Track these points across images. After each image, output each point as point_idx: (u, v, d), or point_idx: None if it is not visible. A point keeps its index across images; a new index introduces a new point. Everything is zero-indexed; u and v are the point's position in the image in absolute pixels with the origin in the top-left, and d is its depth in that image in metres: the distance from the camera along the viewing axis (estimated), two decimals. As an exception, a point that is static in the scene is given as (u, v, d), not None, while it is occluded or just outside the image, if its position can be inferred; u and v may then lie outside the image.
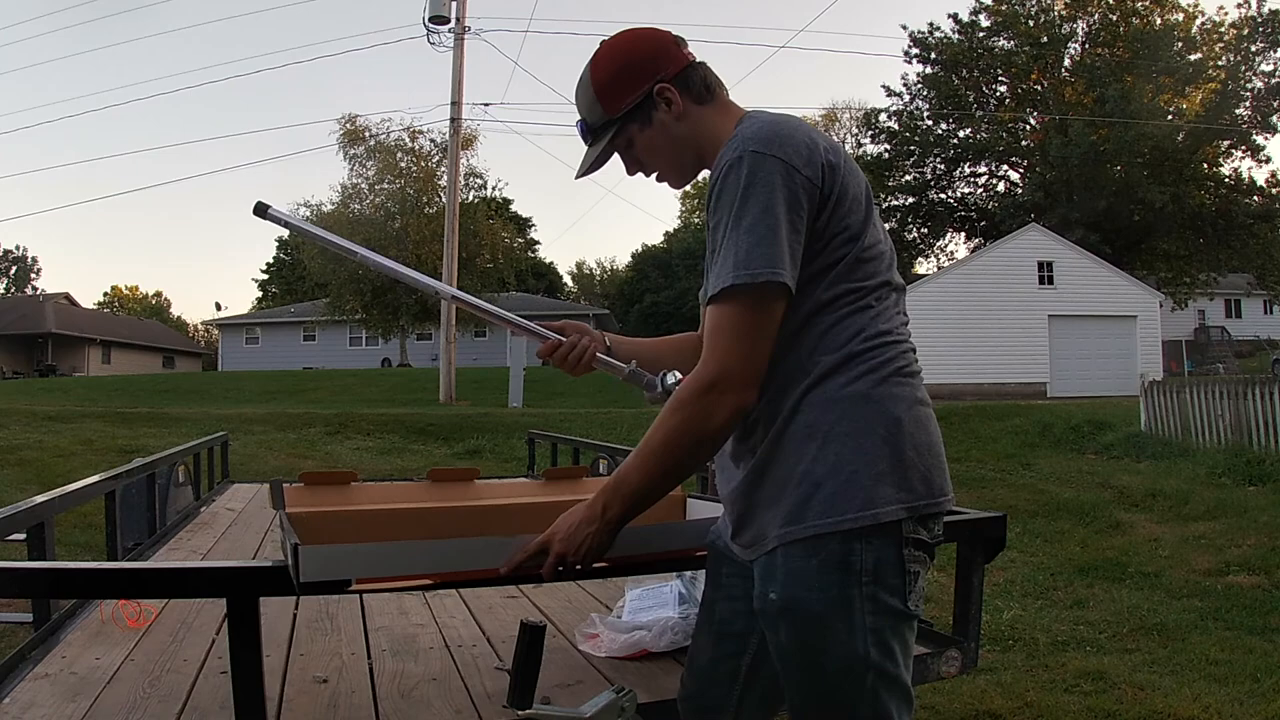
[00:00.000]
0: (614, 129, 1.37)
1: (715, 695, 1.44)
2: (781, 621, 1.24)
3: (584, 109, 1.39)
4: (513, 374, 17.47)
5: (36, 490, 5.61)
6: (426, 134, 26.25)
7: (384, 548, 1.36)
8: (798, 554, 1.22)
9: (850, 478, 1.21)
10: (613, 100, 1.36)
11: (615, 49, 1.38)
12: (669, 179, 1.43)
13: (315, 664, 2.19)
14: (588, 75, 1.38)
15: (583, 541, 1.29)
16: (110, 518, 3.12)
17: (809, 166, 1.23)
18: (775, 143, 1.23)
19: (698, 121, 1.36)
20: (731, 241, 1.21)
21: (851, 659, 1.21)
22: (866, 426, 1.22)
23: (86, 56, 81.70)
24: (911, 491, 1.23)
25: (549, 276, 47.09)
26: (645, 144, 1.38)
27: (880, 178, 30.12)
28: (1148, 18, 26.70)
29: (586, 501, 1.31)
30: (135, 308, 57.17)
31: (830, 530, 1.20)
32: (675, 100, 1.35)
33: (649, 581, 2.47)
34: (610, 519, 1.29)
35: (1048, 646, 4.01)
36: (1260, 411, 8.86)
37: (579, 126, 1.41)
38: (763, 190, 1.20)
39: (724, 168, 1.24)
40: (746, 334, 1.21)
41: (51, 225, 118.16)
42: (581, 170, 1.42)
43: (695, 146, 1.37)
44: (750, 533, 1.31)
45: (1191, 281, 27.60)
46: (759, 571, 1.28)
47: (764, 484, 1.27)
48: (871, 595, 1.21)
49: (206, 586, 1.54)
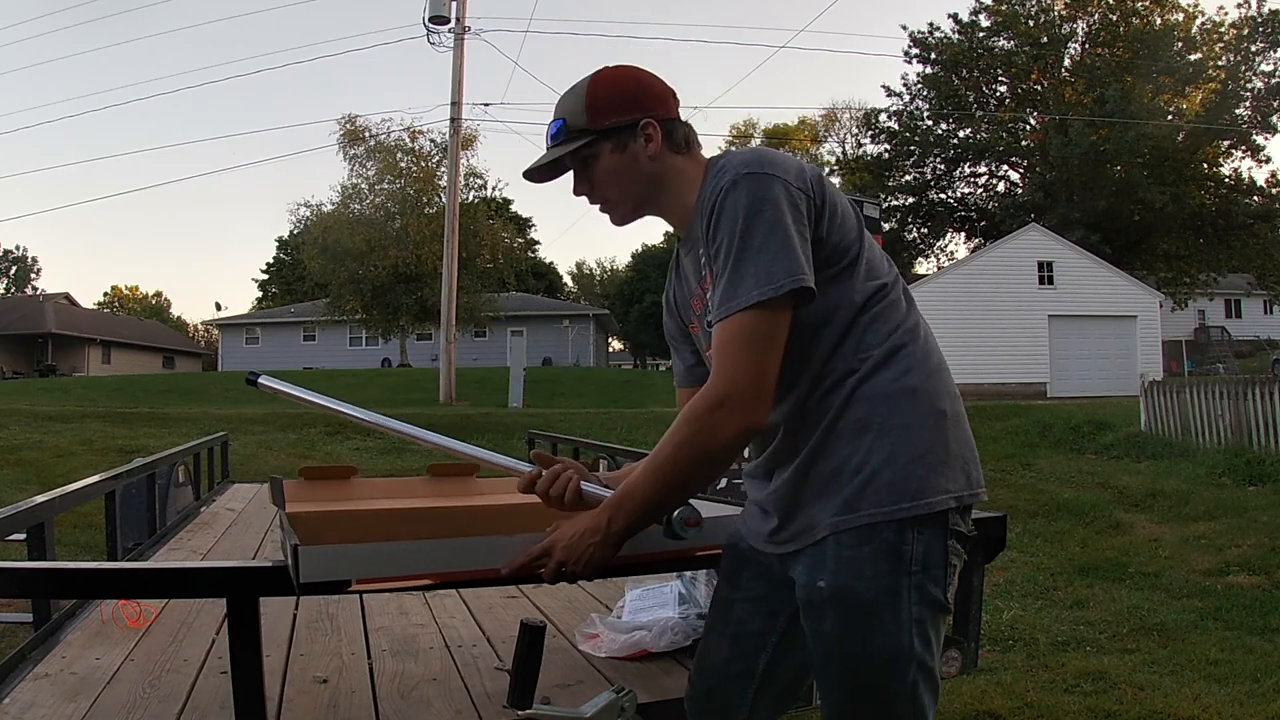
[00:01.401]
0: (588, 139, 1.37)
1: (728, 695, 1.44)
2: (829, 609, 1.25)
3: (567, 111, 1.39)
4: (513, 374, 17.47)
5: (36, 490, 5.61)
6: (426, 134, 26.25)
7: (384, 548, 1.35)
8: (849, 542, 1.24)
9: (906, 467, 1.24)
10: (600, 114, 1.36)
11: (622, 74, 1.41)
12: (615, 210, 1.43)
13: (315, 664, 2.19)
14: (585, 84, 1.39)
15: (585, 551, 1.29)
16: (110, 518, 3.12)
17: (800, 180, 1.28)
18: (766, 163, 1.28)
19: (668, 167, 1.39)
20: (743, 260, 1.23)
21: (896, 650, 1.23)
22: (917, 419, 1.26)
23: (86, 56, 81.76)
24: (956, 482, 1.27)
25: (549, 276, 47.09)
26: (609, 167, 1.38)
27: (880, 178, 30.15)
28: (1148, 18, 26.72)
29: (592, 511, 1.31)
30: (135, 308, 57.18)
31: (886, 519, 1.23)
32: (655, 140, 1.38)
33: (649, 581, 2.47)
34: (615, 531, 1.29)
35: (1048, 646, 4.01)
36: (1260, 411, 8.85)
37: (552, 126, 1.40)
38: (767, 207, 1.24)
39: (719, 193, 1.27)
40: (756, 349, 1.22)
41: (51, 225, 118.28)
42: (535, 166, 1.41)
43: (657, 188, 1.40)
44: (795, 526, 1.31)
45: (1191, 281, 27.61)
46: (806, 561, 1.29)
47: (813, 478, 1.29)
48: (919, 585, 1.23)
49: (206, 586, 1.55)
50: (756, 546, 1.41)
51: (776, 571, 1.38)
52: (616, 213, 1.43)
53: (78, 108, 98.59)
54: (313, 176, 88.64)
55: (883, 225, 23.97)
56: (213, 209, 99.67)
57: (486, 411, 14.35)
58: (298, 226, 28.43)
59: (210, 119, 73.84)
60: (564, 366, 30.05)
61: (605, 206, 1.43)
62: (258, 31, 75.49)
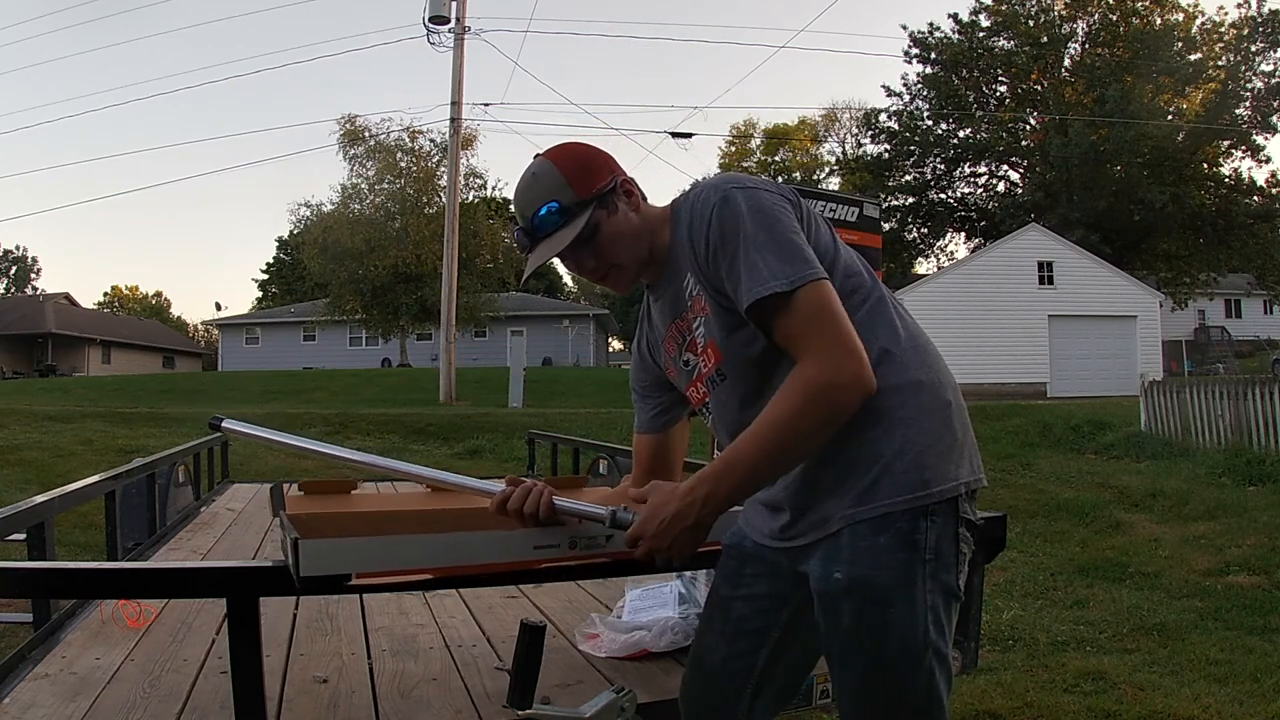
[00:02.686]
0: (589, 209, 1.36)
1: (726, 694, 1.44)
2: (846, 601, 1.27)
3: (550, 193, 1.36)
4: (513, 374, 17.46)
5: (36, 490, 5.62)
6: (426, 134, 26.25)
7: (384, 541, 1.34)
8: (865, 533, 1.26)
9: (917, 457, 1.27)
10: (584, 184, 1.37)
11: (571, 148, 1.43)
12: (622, 275, 1.43)
13: (315, 664, 2.19)
14: (549, 166, 1.38)
15: (674, 540, 1.27)
16: (110, 518, 3.12)
17: (778, 189, 1.34)
18: (746, 180, 1.33)
19: (648, 217, 1.42)
20: (757, 261, 1.25)
21: (912, 639, 1.25)
22: (926, 410, 1.29)
23: (86, 56, 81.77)
24: (963, 469, 1.31)
25: (549, 276, 47.06)
26: (612, 231, 1.38)
27: (880, 178, 30.13)
28: (1148, 18, 26.72)
29: (677, 493, 1.29)
30: (135, 308, 57.15)
31: (901, 508, 1.25)
32: (635, 193, 1.41)
33: (649, 581, 2.47)
34: (715, 502, 1.26)
35: (1048, 646, 4.01)
36: (1260, 411, 8.85)
37: (538, 215, 1.36)
38: (764, 214, 1.28)
39: (710, 210, 1.30)
40: (842, 318, 1.25)
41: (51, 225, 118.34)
42: (552, 255, 1.38)
43: (649, 239, 1.41)
44: (808, 520, 1.32)
45: (1191, 281, 27.61)
46: (821, 554, 1.30)
47: (826, 472, 1.30)
48: (933, 573, 1.26)
49: (206, 586, 1.54)
50: (762, 543, 1.41)
51: (782, 569, 1.39)
52: (626, 275, 1.44)
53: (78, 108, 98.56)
54: (313, 176, 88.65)
55: (883, 225, 23.95)
56: (213, 209, 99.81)
57: (486, 411, 14.35)
58: (298, 226, 28.44)
59: (210, 119, 73.91)
60: (564, 366, 30.06)
61: (614, 272, 1.42)
62: (258, 31, 75.52)
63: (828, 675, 2.05)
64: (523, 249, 1.42)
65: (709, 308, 1.35)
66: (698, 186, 1.38)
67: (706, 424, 1.50)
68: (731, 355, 1.35)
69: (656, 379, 1.56)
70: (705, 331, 1.38)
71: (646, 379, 1.57)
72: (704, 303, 1.36)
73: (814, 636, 1.40)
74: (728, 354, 1.36)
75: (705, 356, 1.39)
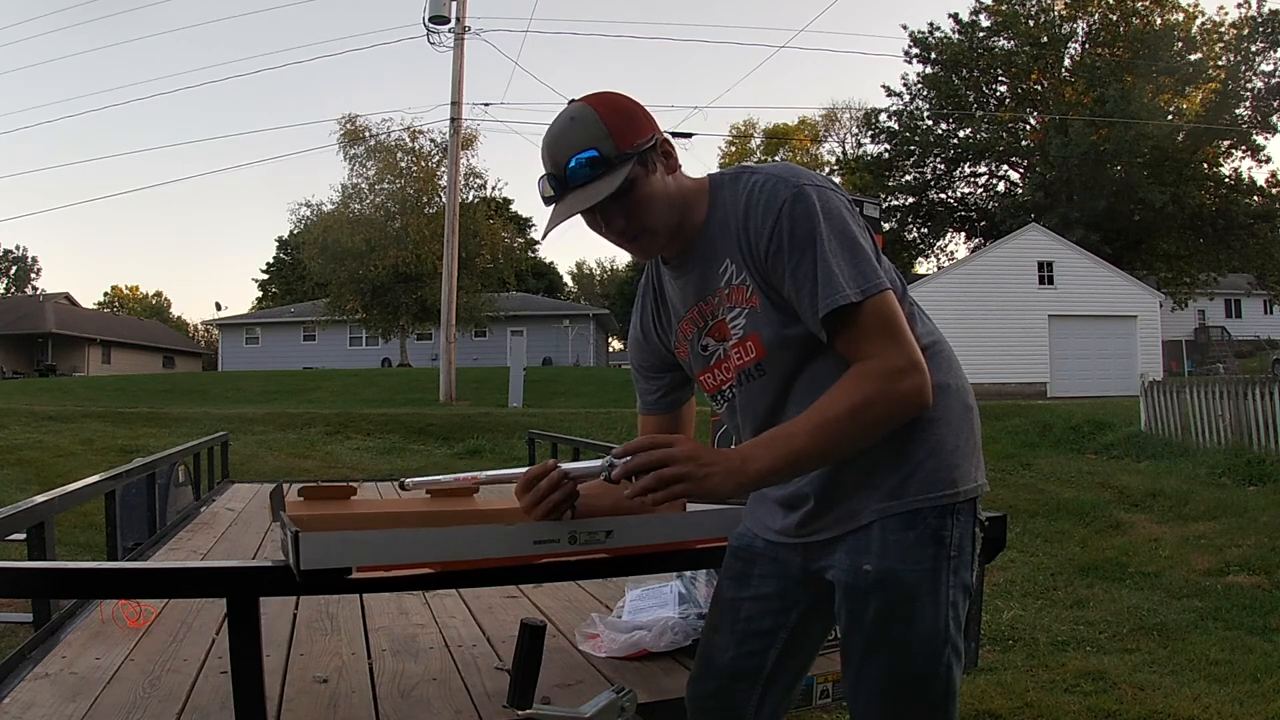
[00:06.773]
0: (629, 163, 1.25)
1: (735, 694, 1.44)
2: (874, 594, 1.27)
3: (591, 141, 1.25)
4: (513, 374, 17.47)
5: (36, 490, 5.62)
6: (426, 134, 26.25)
7: (385, 534, 1.33)
8: (895, 527, 1.27)
9: (948, 457, 1.30)
10: (626, 136, 1.26)
11: (613, 97, 1.32)
12: (653, 240, 1.33)
13: (315, 664, 2.19)
14: (591, 112, 1.27)
15: (708, 475, 1.20)
16: (110, 518, 3.12)
17: (843, 191, 1.32)
18: (816, 177, 1.30)
19: (683, 185, 1.33)
20: (832, 266, 1.22)
21: (934, 633, 1.27)
22: (953, 412, 1.32)
23: (86, 56, 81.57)
24: (980, 472, 1.35)
25: (549, 276, 47.07)
26: (647, 191, 1.28)
27: (880, 178, 30.14)
28: (1148, 18, 26.72)
29: (724, 450, 1.26)
30: (135, 308, 57.15)
31: (931, 505, 1.27)
32: (674, 155, 1.32)
33: (649, 581, 2.47)
34: (751, 470, 1.21)
35: (1048, 646, 4.01)
36: (1260, 411, 8.85)
37: (574, 161, 1.24)
38: (837, 218, 1.26)
39: (780, 205, 1.24)
40: (900, 330, 1.24)
41: (51, 225, 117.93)
42: (587, 203, 1.25)
43: (681, 209, 1.32)
44: (835, 514, 1.32)
45: (1191, 281, 27.61)
46: (848, 547, 1.30)
47: (855, 467, 1.29)
48: (955, 569, 1.29)
49: (206, 586, 1.54)
50: (773, 541, 1.41)
51: (792, 569, 1.39)
52: (656, 241, 1.34)
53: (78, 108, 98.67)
54: (313, 176, 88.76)
55: (883, 225, 23.95)
56: (213, 209, 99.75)
57: (486, 411, 14.34)
58: (298, 226, 28.44)
59: (210, 119, 73.94)
60: (564, 366, 30.04)
61: (644, 237, 1.32)
62: (258, 31, 75.57)
63: (828, 675, 2.06)
64: (548, 200, 1.30)
65: (758, 302, 1.29)
66: (756, 173, 1.30)
67: (713, 410, 1.47)
68: (777, 353, 1.31)
69: (662, 359, 1.49)
70: (748, 325, 1.31)
71: (652, 359, 1.51)
72: (750, 295, 1.30)
73: (820, 637, 1.38)
74: (772, 351, 1.31)
75: (742, 349, 1.34)
